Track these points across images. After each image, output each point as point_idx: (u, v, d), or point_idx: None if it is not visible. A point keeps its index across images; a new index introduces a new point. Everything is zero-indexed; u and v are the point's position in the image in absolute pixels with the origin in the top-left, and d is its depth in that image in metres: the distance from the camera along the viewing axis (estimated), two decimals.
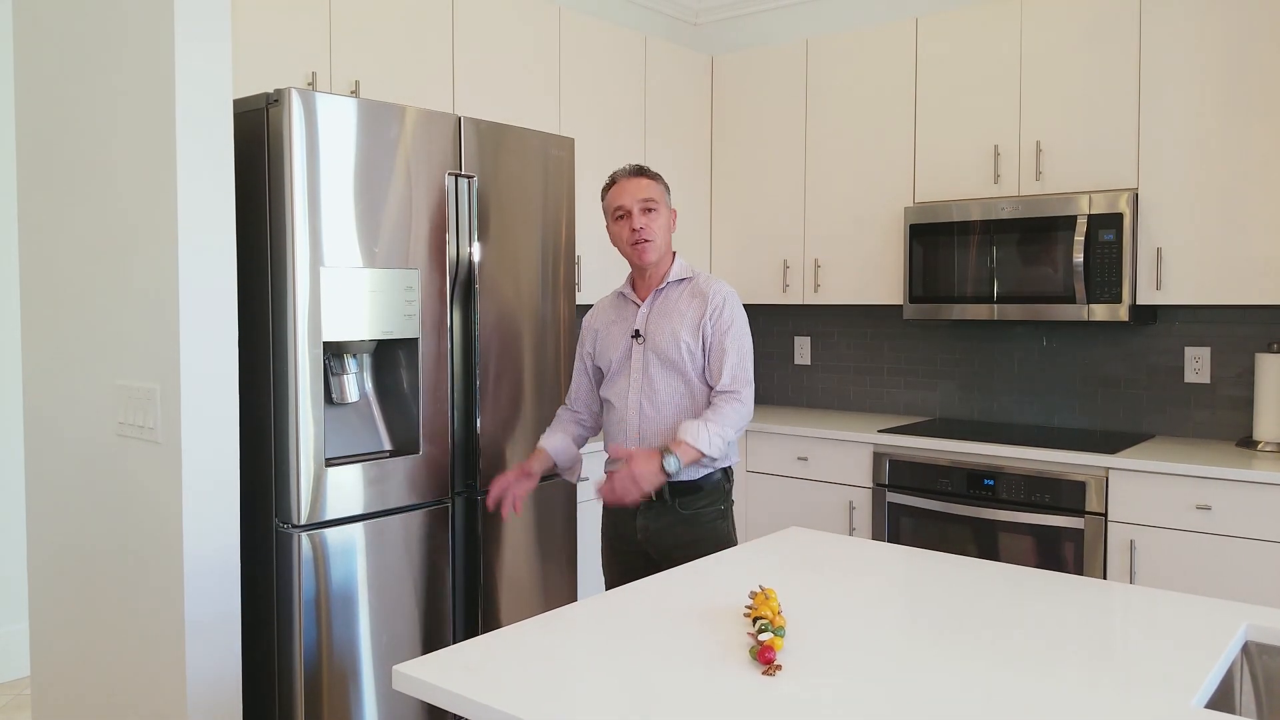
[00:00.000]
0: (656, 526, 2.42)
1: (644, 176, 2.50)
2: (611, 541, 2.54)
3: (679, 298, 2.48)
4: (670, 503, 2.42)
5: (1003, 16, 3.64)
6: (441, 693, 1.35)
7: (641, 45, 4.12)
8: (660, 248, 2.48)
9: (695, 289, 2.48)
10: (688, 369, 2.43)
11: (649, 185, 2.48)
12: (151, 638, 2.25)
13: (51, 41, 2.46)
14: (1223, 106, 3.21)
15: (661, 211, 2.48)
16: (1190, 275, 3.28)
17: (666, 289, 2.50)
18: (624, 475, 2.27)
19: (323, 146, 2.35)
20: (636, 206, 2.44)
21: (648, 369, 2.45)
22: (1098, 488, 3.20)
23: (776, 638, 1.45)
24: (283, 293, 2.33)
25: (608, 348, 2.54)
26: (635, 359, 2.48)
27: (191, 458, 2.16)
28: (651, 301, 2.50)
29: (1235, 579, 2.95)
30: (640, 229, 2.44)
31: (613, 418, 2.52)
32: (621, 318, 2.54)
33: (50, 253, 2.51)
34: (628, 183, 2.48)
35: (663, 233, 2.48)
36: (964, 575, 1.89)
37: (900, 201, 3.90)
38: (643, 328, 2.48)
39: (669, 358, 2.43)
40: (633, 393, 2.46)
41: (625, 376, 2.49)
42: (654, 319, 2.48)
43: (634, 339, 2.48)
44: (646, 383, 2.45)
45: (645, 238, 2.44)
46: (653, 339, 2.46)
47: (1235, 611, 1.65)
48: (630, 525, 2.46)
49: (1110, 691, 1.35)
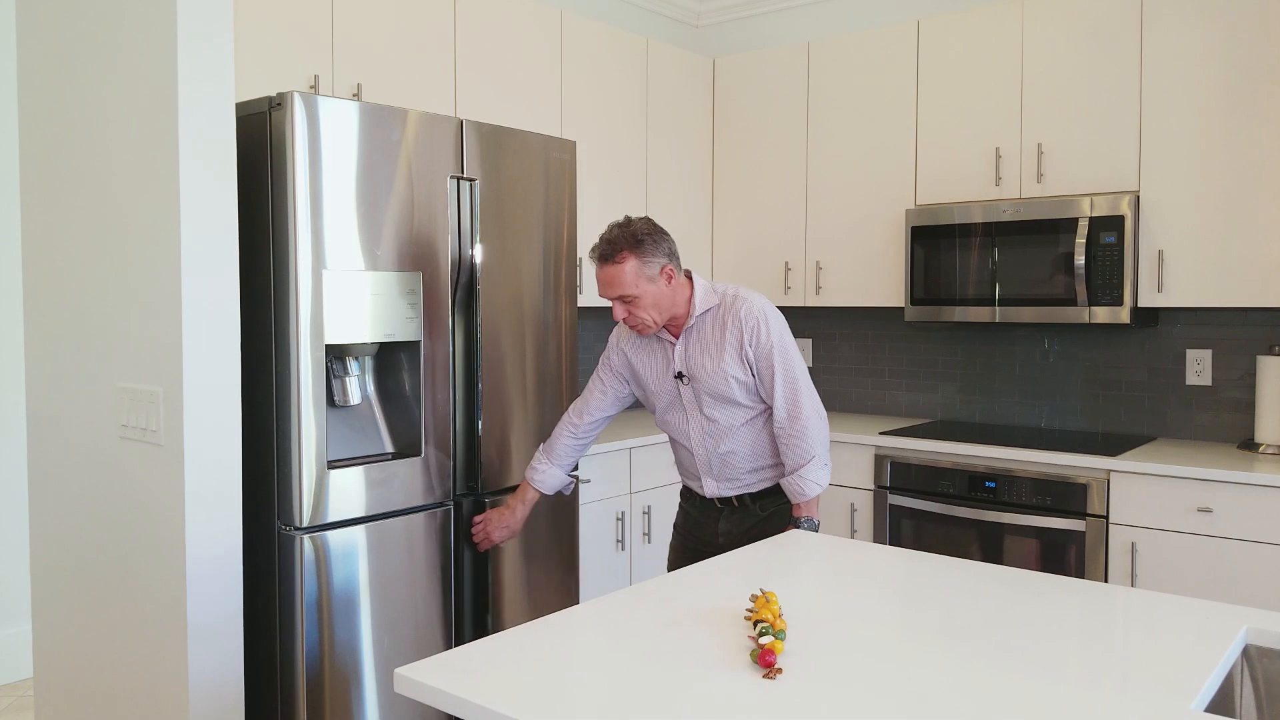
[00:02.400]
0: (739, 530, 2.48)
1: (610, 264, 2.29)
2: (687, 542, 2.58)
3: (713, 329, 2.39)
4: (751, 506, 2.48)
5: (1004, 19, 3.64)
6: (443, 696, 1.35)
7: (643, 47, 4.12)
8: (661, 316, 2.36)
9: (724, 315, 2.38)
10: (743, 398, 2.39)
11: (617, 275, 2.28)
12: (154, 639, 2.25)
13: (55, 45, 2.47)
14: (1224, 109, 3.22)
15: (644, 293, 2.31)
16: (1192, 277, 3.28)
17: (696, 323, 2.40)
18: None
19: (325, 150, 2.36)
20: (614, 302, 2.34)
21: (701, 407, 2.43)
22: (1099, 490, 3.20)
23: (777, 641, 1.45)
24: (285, 295, 2.34)
25: (651, 386, 2.49)
26: (687, 398, 2.45)
27: (194, 460, 2.16)
28: (685, 339, 2.41)
29: (1236, 582, 2.95)
30: (626, 317, 2.36)
31: (683, 455, 2.54)
32: (655, 353, 2.48)
33: (53, 255, 2.51)
34: (600, 272, 2.32)
35: (654, 307, 2.33)
36: (965, 578, 1.89)
37: (902, 204, 3.90)
38: (684, 369, 2.42)
39: (718, 392, 2.39)
40: (694, 431, 2.46)
41: (680, 415, 2.47)
42: (693, 357, 2.40)
43: (679, 380, 2.43)
44: (705, 419, 2.44)
45: (635, 325, 2.36)
46: (698, 379, 2.40)
47: (1236, 614, 1.65)
48: (712, 530, 2.51)
49: (1110, 694, 1.35)
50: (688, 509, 2.61)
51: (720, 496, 2.50)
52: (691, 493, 2.59)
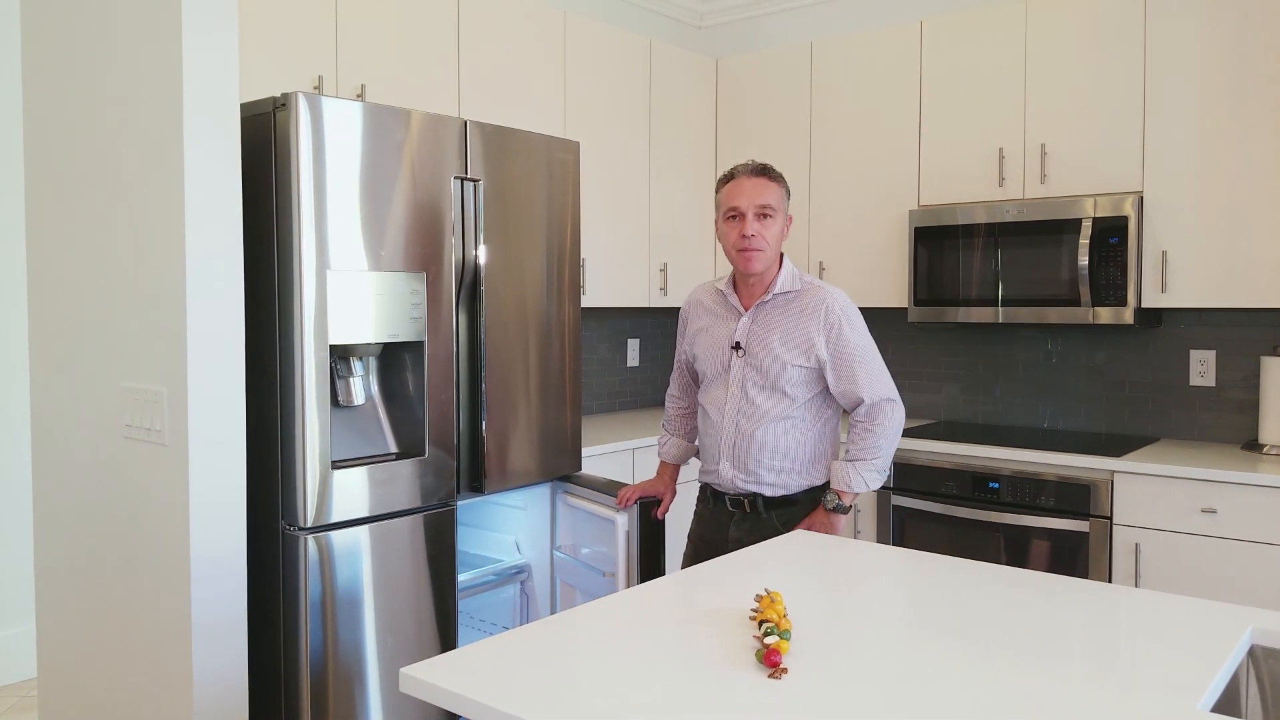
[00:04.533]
0: (750, 540, 2.37)
1: (766, 177, 2.31)
2: (698, 548, 2.52)
3: (786, 312, 2.34)
4: (765, 515, 2.40)
5: (1007, 19, 3.64)
6: (449, 695, 1.35)
7: (646, 48, 4.12)
8: (770, 258, 2.33)
9: (804, 303, 2.34)
10: (790, 389, 2.34)
11: (770, 189, 2.30)
12: (158, 639, 2.25)
13: (59, 46, 2.47)
14: (1228, 109, 3.21)
15: (778, 218, 2.31)
16: (1195, 278, 3.28)
17: (772, 301, 2.36)
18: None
19: (329, 150, 2.36)
20: (752, 211, 2.28)
21: (745, 386, 2.37)
22: (1103, 491, 3.19)
23: (782, 641, 1.45)
24: (289, 296, 2.34)
25: (707, 352, 2.45)
26: (734, 372, 2.39)
27: (198, 460, 2.17)
28: (755, 313, 2.37)
29: (1241, 582, 2.95)
30: (752, 236, 2.28)
31: (708, 426, 2.47)
32: (721, 321, 2.44)
33: (58, 255, 2.52)
34: (746, 181, 2.30)
35: (774, 242, 2.32)
36: (969, 578, 1.89)
37: (905, 204, 3.90)
38: (743, 340, 2.36)
39: (769, 376, 2.34)
40: (729, 407, 2.40)
41: (723, 388, 2.41)
42: (756, 332, 2.36)
43: (734, 350, 2.38)
44: (745, 401, 2.37)
45: (755, 246, 2.29)
46: (753, 354, 2.35)
47: (1241, 615, 1.65)
48: (721, 535, 2.45)
49: (1115, 695, 1.35)
50: (701, 512, 2.57)
51: (734, 493, 2.43)
52: (706, 492, 2.54)
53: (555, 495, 3.01)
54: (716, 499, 2.49)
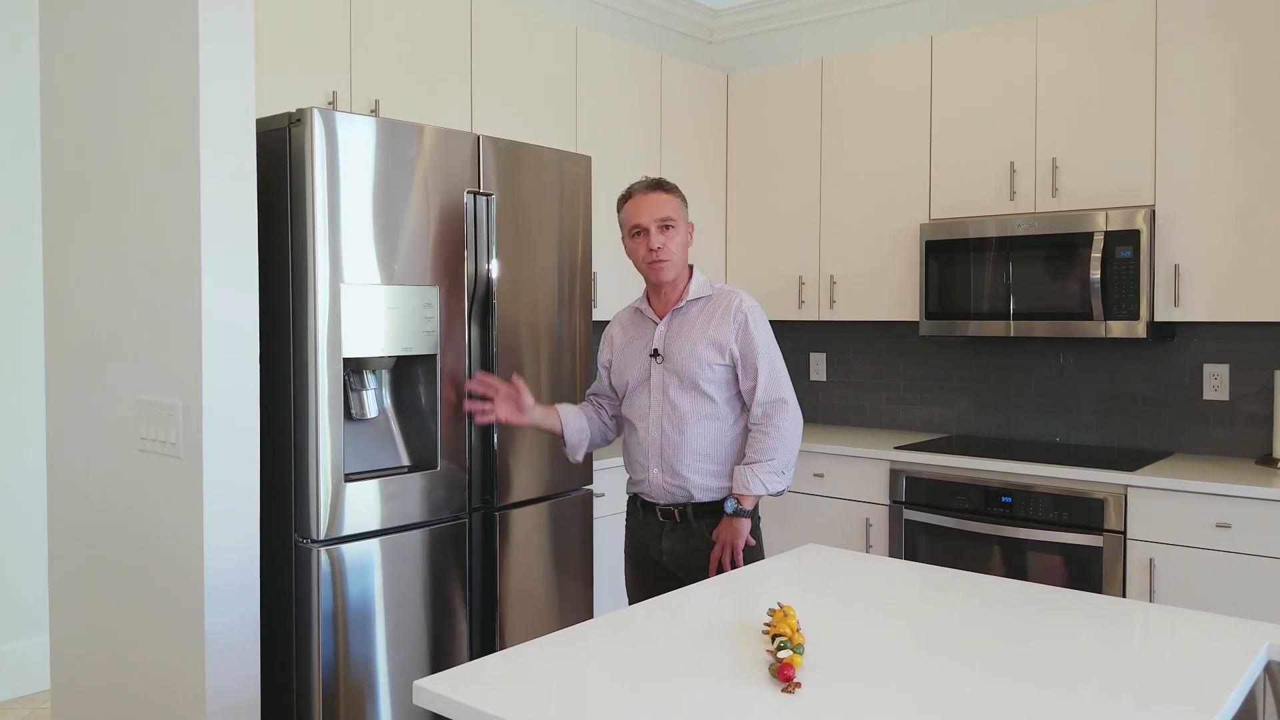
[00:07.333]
0: (682, 549, 2.40)
1: (661, 191, 2.41)
2: (636, 560, 2.52)
3: (699, 315, 2.42)
4: (695, 525, 2.41)
5: (1018, 33, 3.65)
6: (462, 708, 1.35)
7: (657, 63, 4.14)
8: (678, 266, 2.42)
9: (715, 306, 2.42)
10: (710, 389, 2.38)
11: (667, 201, 2.40)
12: (171, 651, 2.26)
13: (77, 61, 2.50)
14: (1239, 122, 3.21)
15: (679, 228, 2.41)
16: (1208, 292, 3.27)
17: (685, 307, 2.44)
18: (724, 548, 2.35)
19: (343, 165, 2.38)
20: (654, 225, 2.38)
21: (668, 391, 2.41)
22: (1116, 505, 3.18)
23: (795, 655, 1.45)
24: (303, 309, 2.35)
25: (625, 365, 2.50)
26: (655, 379, 2.43)
27: (212, 473, 2.18)
28: (670, 320, 2.44)
29: (1256, 598, 2.92)
30: (658, 248, 2.38)
31: (634, 439, 2.48)
32: (639, 334, 2.50)
33: (74, 268, 2.54)
34: (644, 198, 2.41)
35: (680, 250, 2.42)
36: (982, 593, 1.88)
37: (916, 218, 3.90)
38: (661, 346, 2.43)
39: (690, 378, 2.38)
40: (654, 414, 2.43)
41: (645, 396, 2.45)
42: (672, 338, 2.43)
43: (652, 358, 2.44)
44: (668, 405, 2.41)
45: (663, 258, 2.38)
46: (672, 358, 2.40)
47: (1257, 631, 1.64)
48: (655, 547, 2.45)
49: (1130, 710, 1.34)
50: (632, 525, 2.54)
51: (665, 503, 2.42)
52: (636, 504, 2.53)
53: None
54: (647, 510, 2.48)
